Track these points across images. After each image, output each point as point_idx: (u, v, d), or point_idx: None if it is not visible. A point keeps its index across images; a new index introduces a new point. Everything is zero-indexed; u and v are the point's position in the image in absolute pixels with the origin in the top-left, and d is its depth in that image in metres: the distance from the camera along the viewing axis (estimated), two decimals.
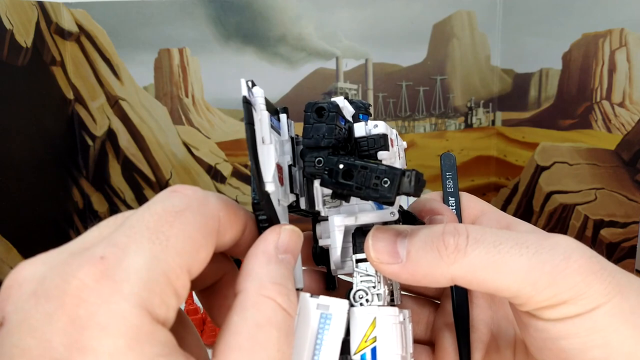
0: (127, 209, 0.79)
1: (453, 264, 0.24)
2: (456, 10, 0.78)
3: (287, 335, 0.22)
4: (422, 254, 0.25)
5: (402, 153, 0.31)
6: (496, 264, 0.23)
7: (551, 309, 0.24)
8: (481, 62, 0.80)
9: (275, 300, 0.22)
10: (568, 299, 0.23)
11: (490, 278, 0.24)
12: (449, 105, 0.81)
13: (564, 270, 0.23)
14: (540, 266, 0.23)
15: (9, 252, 0.64)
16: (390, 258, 0.25)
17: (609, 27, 0.69)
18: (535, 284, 0.23)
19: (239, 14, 0.75)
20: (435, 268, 0.24)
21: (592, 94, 0.72)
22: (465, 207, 0.33)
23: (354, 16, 0.77)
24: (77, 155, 0.77)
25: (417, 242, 0.25)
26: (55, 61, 0.73)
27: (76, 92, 0.76)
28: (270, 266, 0.23)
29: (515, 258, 0.23)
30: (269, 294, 0.22)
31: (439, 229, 0.25)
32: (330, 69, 0.78)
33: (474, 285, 0.25)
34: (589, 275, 0.23)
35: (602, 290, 0.23)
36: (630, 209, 0.71)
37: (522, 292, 0.24)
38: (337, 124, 0.26)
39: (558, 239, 0.24)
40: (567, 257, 0.23)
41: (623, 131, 0.71)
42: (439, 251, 0.24)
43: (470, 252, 0.24)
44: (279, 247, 0.24)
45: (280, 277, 0.23)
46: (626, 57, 0.69)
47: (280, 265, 0.24)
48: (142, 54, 0.76)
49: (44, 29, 0.71)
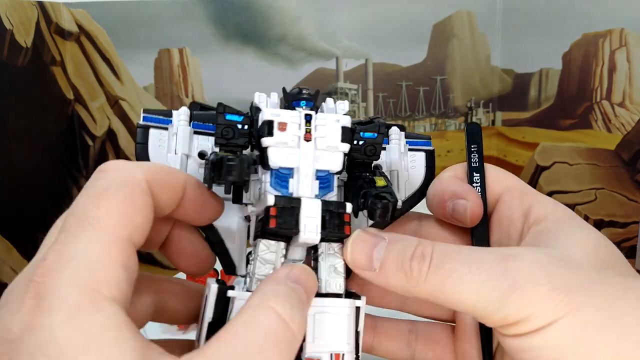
0: None
1: (416, 287, 0.27)
2: (456, 11, 0.77)
3: (278, 344, 0.22)
4: (392, 271, 0.27)
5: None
6: (450, 291, 0.26)
7: (506, 327, 0.26)
8: (481, 62, 0.80)
9: (274, 308, 0.23)
10: (518, 320, 0.25)
11: (448, 301, 0.26)
12: (449, 105, 0.81)
13: (509, 297, 0.25)
14: (489, 292, 0.25)
15: (9, 252, 0.64)
16: (364, 263, 0.28)
17: (609, 27, 0.69)
18: (486, 309, 0.25)
19: (239, 14, 0.75)
20: (402, 287, 0.27)
21: (592, 94, 0.72)
22: (489, 184, 0.33)
23: (354, 16, 0.77)
24: (77, 155, 0.77)
25: (390, 257, 0.27)
26: (55, 61, 0.73)
27: (76, 92, 0.76)
28: (277, 286, 0.25)
29: (467, 285, 0.25)
30: (269, 302, 0.23)
31: (409, 249, 0.27)
32: (330, 69, 0.78)
33: (436, 302, 0.27)
34: (535, 296, 0.24)
35: (551, 310, 0.24)
36: (630, 209, 0.71)
37: (477, 314, 0.26)
38: (222, 122, 0.28)
39: (513, 262, 0.26)
40: (514, 283, 0.25)
41: (623, 131, 0.71)
42: (406, 274, 0.27)
43: (429, 279, 0.26)
44: (289, 277, 0.26)
45: (285, 294, 0.24)
46: (626, 57, 0.69)
47: (288, 289, 0.25)
48: (142, 54, 0.76)
49: (44, 28, 0.71)
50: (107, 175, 0.24)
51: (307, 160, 0.28)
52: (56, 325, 0.19)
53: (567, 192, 0.76)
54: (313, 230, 0.28)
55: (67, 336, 0.19)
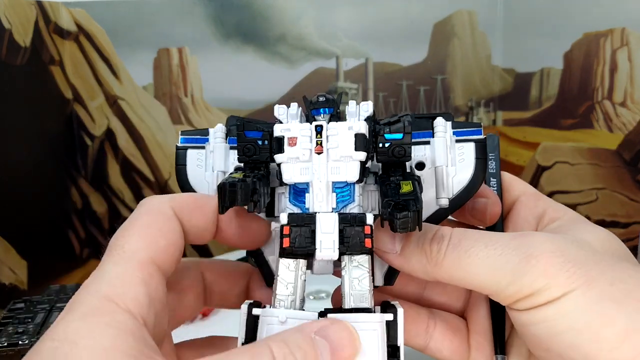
0: (126, 209, 0.79)
1: (435, 267, 0.28)
2: (457, 10, 0.77)
3: None
4: (413, 252, 0.28)
5: None
6: (466, 267, 0.27)
7: (519, 301, 0.26)
8: (482, 61, 0.80)
9: (270, 347, 0.23)
10: (531, 292, 0.25)
11: (464, 278, 0.27)
12: (449, 105, 0.81)
13: (524, 268, 0.25)
14: (503, 266, 0.26)
15: (8, 252, 0.64)
16: (387, 246, 0.29)
17: (610, 27, 0.69)
18: (500, 282, 0.26)
19: (238, 13, 0.75)
20: (422, 268, 0.28)
21: (594, 93, 0.72)
22: (506, 188, 0.35)
23: (354, 15, 0.77)
24: (76, 155, 0.77)
25: (411, 239, 0.28)
26: (54, 61, 0.73)
27: (75, 91, 0.75)
28: (295, 333, 0.24)
29: (482, 260, 0.26)
30: (270, 342, 0.23)
31: (430, 233, 0.28)
32: (330, 69, 0.78)
33: (455, 283, 0.28)
34: (549, 268, 0.25)
35: (565, 280, 0.25)
36: (632, 209, 0.70)
37: (490, 289, 0.27)
38: (242, 140, 0.28)
39: (526, 238, 0.27)
40: (529, 255, 0.26)
41: (624, 131, 0.70)
42: (426, 255, 0.28)
43: (447, 257, 0.27)
44: (320, 329, 0.25)
45: (294, 341, 0.24)
46: (627, 56, 0.69)
47: (304, 338, 0.24)
48: (141, 53, 0.76)
49: (42, 28, 0.71)
50: (138, 208, 0.27)
51: (319, 173, 0.27)
52: (70, 320, 0.22)
53: (568, 192, 0.75)
54: (330, 246, 0.27)
55: (76, 327, 0.22)
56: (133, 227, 0.26)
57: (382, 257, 0.29)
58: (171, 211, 0.27)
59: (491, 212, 0.32)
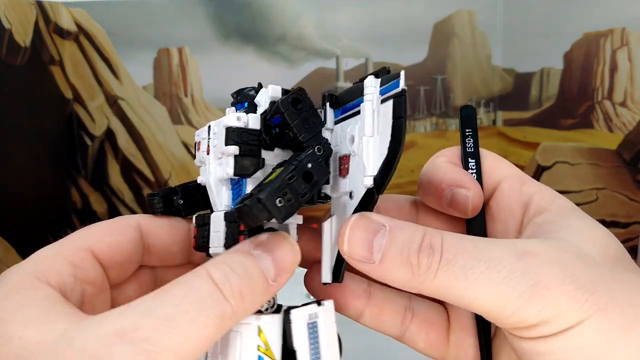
0: (126, 209, 0.78)
1: (423, 283, 0.24)
2: (457, 10, 0.77)
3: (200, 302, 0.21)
4: (395, 263, 0.24)
5: None
6: (463, 289, 0.23)
7: (523, 330, 0.24)
8: (482, 61, 0.80)
9: (208, 270, 0.22)
10: (537, 322, 0.23)
11: (458, 299, 0.24)
12: (449, 105, 0.81)
13: (530, 298, 0.23)
14: (507, 293, 0.23)
15: (8, 252, 0.64)
16: (363, 255, 0.24)
17: (610, 27, 0.69)
18: (503, 310, 0.23)
19: (238, 13, 0.75)
20: (406, 282, 0.24)
21: (594, 93, 0.72)
22: (486, 171, 0.31)
23: (354, 15, 0.77)
24: (76, 155, 0.77)
25: (394, 248, 0.24)
26: (54, 61, 0.73)
27: (75, 91, 0.75)
28: (231, 254, 0.24)
29: (483, 284, 0.23)
30: (207, 265, 0.23)
31: (417, 240, 0.24)
32: (330, 68, 0.78)
33: (444, 300, 0.25)
34: (559, 298, 0.23)
35: (575, 311, 0.22)
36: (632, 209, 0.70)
37: (490, 314, 0.24)
38: None
39: (532, 260, 0.23)
40: (536, 283, 0.23)
41: (624, 131, 0.70)
42: (412, 268, 0.24)
43: (440, 275, 0.23)
44: (252, 243, 0.24)
45: (229, 261, 0.23)
46: (627, 56, 0.69)
47: (241, 257, 0.23)
48: (141, 53, 0.76)
49: (42, 28, 0.71)
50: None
51: (209, 173, 0.27)
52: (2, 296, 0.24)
53: (568, 192, 0.75)
54: (218, 244, 0.26)
55: (3, 306, 0.23)
56: (92, 226, 0.29)
57: (357, 266, 0.25)
58: (135, 222, 0.30)
59: (473, 205, 0.29)
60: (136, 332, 0.20)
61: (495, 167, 0.31)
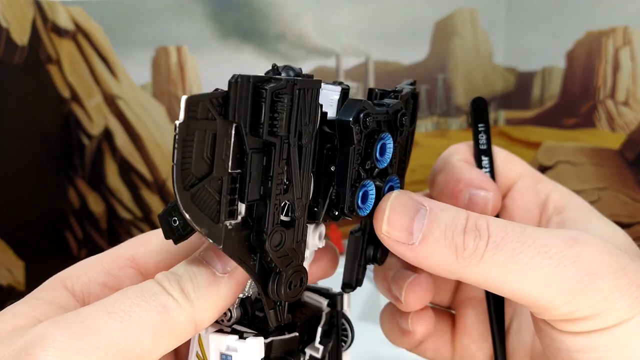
0: (124, 209, 0.78)
1: (467, 267, 0.22)
2: (458, 8, 0.77)
3: (142, 294, 0.21)
4: (437, 246, 0.22)
5: None
6: (513, 275, 0.22)
7: (569, 322, 0.22)
8: (483, 60, 0.79)
9: (157, 279, 0.22)
10: (587, 315, 0.22)
11: (502, 286, 0.22)
12: (451, 104, 0.81)
13: (585, 288, 0.21)
14: (560, 281, 0.22)
15: (5, 253, 0.64)
16: (402, 236, 0.23)
17: (612, 25, 0.69)
18: (554, 300, 0.22)
19: (237, 11, 0.75)
20: (447, 266, 0.23)
21: (596, 92, 0.72)
22: (500, 169, 0.30)
23: (355, 14, 0.76)
24: (73, 155, 0.76)
25: (437, 228, 0.22)
26: (51, 59, 0.72)
27: (72, 90, 0.75)
28: (186, 265, 0.23)
29: (534, 270, 0.22)
30: (158, 275, 0.22)
31: (461, 221, 0.23)
32: (330, 67, 0.78)
33: (486, 287, 0.23)
34: (613, 292, 0.21)
35: (626, 306, 0.21)
36: (634, 210, 0.70)
37: (538, 304, 0.22)
38: None
39: (584, 248, 0.22)
40: (591, 273, 0.22)
41: (627, 130, 0.70)
42: (456, 251, 0.22)
43: (487, 259, 0.22)
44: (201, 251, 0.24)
45: (184, 269, 0.22)
46: (630, 55, 0.68)
47: (188, 259, 0.23)
48: (139, 52, 0.75)
49: (40, 26, 0.70)
50: None
51: None
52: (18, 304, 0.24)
53: None
54: None
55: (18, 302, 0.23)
56: (140, 236, 0.28)
57: (393, 248, 0.23)
58: None
59: (494, 207, 0.28)
60: (76, 317, 0.20)
61: (508, 164, 0.30)
